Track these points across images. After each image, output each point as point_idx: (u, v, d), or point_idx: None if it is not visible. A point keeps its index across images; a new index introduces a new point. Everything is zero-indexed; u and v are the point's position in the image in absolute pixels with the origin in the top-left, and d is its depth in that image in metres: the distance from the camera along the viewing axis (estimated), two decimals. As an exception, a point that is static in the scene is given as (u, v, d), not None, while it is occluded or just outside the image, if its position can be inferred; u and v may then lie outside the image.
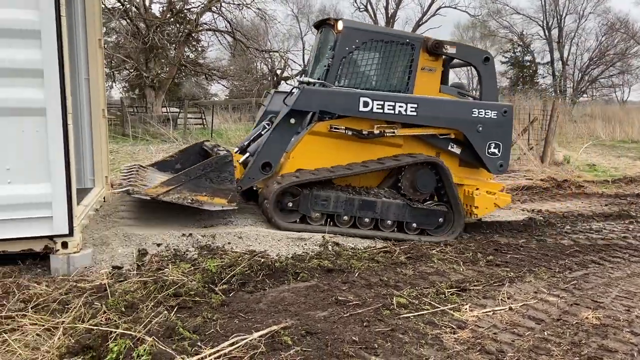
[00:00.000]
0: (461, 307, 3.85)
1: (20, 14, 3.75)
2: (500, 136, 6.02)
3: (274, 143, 5.61)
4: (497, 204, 6.15)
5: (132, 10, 22.07)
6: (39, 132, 3.92)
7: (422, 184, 5.88)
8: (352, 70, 5.87)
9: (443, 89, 6.18)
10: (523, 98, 23.27)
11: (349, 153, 5.79)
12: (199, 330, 3.23)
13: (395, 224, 5.79)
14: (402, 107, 5.64)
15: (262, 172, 5.59)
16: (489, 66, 6.22)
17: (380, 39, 5.88)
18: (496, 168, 6.09)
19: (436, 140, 6.02)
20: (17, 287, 3.72)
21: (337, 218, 5.62)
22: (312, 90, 5.60)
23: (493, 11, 42.27)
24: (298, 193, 5.48)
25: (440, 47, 5.93)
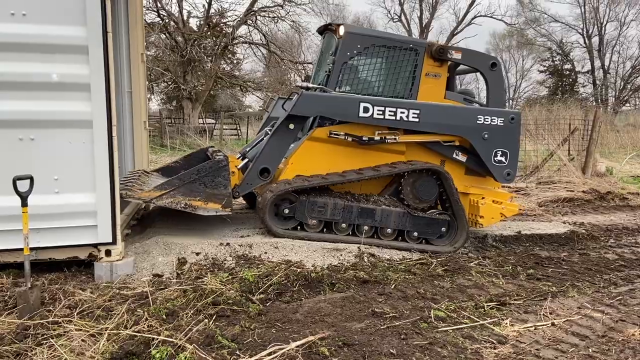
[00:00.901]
0: (501, 322, 3.77)
1: (70, 30, 3.91)
2: (508, 144, 5.83)
3: (273, 149, 5.53)
4: (504, 214, 5.96)
5: (171, 25, 22.72)
6: (85, 144, 4.07)
7: (423, 192, 5.74)
8: (354, 76, 5.78)
9: (448, 96, 6.03)
10: (562, 107, 22.71)
11: (349, 159, 5.68)
12: (237, 339, 3.26)
13: (395, 232, 5.66)
14: (403, 113, 5.52)
15: (260, 177, 5.51)
16: (496, 72, 6.05)
17: (382, 44, 5.78)
18: (503, 177, 5.90)
19: (440, 148, 5.86)
20: (63, 293, 3.85)
21: (335, 225, 5.52)
22: (310, 96, 5.49)
23: (531, 19, 41.57)
24: (295, 200, 5.43)
25: (444, 53, 5.80)
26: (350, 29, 5.86)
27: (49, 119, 3.98)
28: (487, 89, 6.13)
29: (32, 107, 3.92)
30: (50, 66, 3.92)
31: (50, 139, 4.00)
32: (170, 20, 23.00)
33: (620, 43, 40.67)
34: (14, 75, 3.87)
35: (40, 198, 3.86)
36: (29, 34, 3.85)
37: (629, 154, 15.84)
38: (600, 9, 39.80)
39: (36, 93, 3.93)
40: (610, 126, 22.87)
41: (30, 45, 3.87)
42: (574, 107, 23.23)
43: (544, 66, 43.07)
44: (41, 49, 3.90)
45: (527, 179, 11.55)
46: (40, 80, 3.92)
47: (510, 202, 6.10)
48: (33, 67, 3.89)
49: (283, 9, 24.16)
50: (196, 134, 19.75)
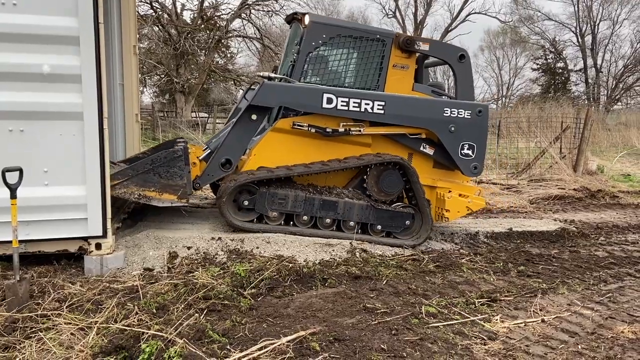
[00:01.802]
0: (492, 318, 3.78)
1: (61, 21, 3.87)
2: (475, 137, 5.78)
3: (234, 139, 5.42)
4: (470, 208, 5.92)
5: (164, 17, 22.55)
6: (76, 136, 4.03)
7: (387, 185, 5.68)
8: (319, 66, 5.64)
9: (417, 88, 5.95)
10: (555, 105, 22.82)
11: (314, 151, 5.56)
12: (228, 333, 3.25)
13: (359, 225, 5.60)
14: (368, 105, 5.44)
15: (221, 169, 5.40)
16: (465, 64, 5.97)
17: (348, 35, 5.65)
18: (470, 170, 5.86)
19: (407, 140, 5.79)
20: (52, 286, 3.82)
21: (297, 218, 5.44)
22: (272, 86, 5.34)
23: (524, 17, 41.71)
24: (255, 191, 5.35)
25: (412, 44, 5.72)
26: (316, 18, 5.74)
27: (39, 111, 3.93)
28: (455, 82, 6.05)
29: (22, 99, 3.87)
30: (40, 57, 3.87)
31: (40, 130, 3.96)
32: (164, 13, 22.83)
33: (613, 42, 40.96)
34: (4, 65, 3.81)
35: (30, 190, 3.83)
36: (19, 24, 3.80)
37: (620, 152, 15.96)
38: (594, 8, 40.02)
39: (26, 84, 3.88)
40: (601, 125, 23.01)
41: (20, 35, 3.82)
42: (566, 105, 23.36)
43: (537, 64, 43.25)
44: (31, 40, 3.85)
45: (518, 176, 11.61)
46: (30, 71, 3.87)
47: (477, 195, 6.05)
48: (23, 58, 3.84)
49: (277, 3, 24.09)
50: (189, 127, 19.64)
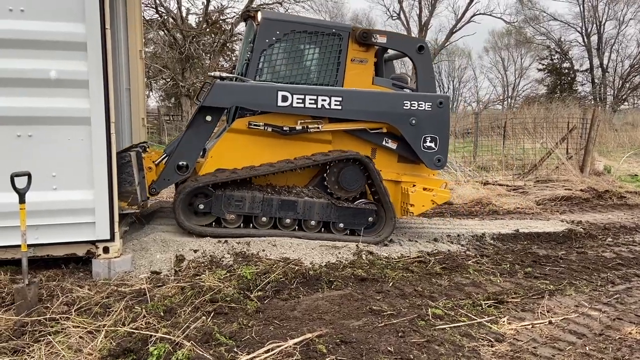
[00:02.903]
0: (499, 320, 3.78)
1: (69, 27, 3.91)
2: (436, 129, 5.69)
3: (188, 142, 5.32)
4: (435, 201, 5.83)
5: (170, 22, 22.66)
6: (84, 141, 4.06)
7: (347, 182, 5.61)
8: (274, 64, 5.53)
9: (377, 81, 5.87)
10: (561, 106, 22.73)
11: (273, 151, 5.47)
12: (235, 336, 3.26)
13: (320, 224, 5.54)
14: (325, 101, 5.36)
15: (177, 173, 5.30)
16: (424, 56, 5.87)
17: (303, 30, 5.55)
18: (433, 163, 5.78)
19: (368, 135, 5.71)
20: (60, 290, 3.85)
21: (255, 219, 5.37)
22: (224, 85, 5.25)
23: (530, 18, 41.57)
24: (210, 194, 5.26)
25: (369, 37, 5.62)
26: (268, 14, 5.67)
27: (47, 116, 3.98)
28: (416, 74, 5.95)
29: (31, 104, 3.92)
30: (48, 62, 3.92)
31: (48, 135, 4.00)
32: (169, 17, 22.95)
33: (619, 42, 40.75)
34: (12, 71, 3.86)
35: (38, 195, 3.86)
36: (27, 30, 3.85)
37: (627, 152, 15.87)
38: (599, 8, 39.83)
39: (34, 89, 3.93)
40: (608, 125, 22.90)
41: (28, 41, 3.87)
42: (572, 106, 23.28)
43: (543, 64, 43.05)
44: (39, 45, 3.90)
45: (525, 177, 11.57)
46: (38, 77, 3.92)
47: (443, 188, 5.98)
48: (31, 64, 3.89)
49: (282, 6, 24.13)
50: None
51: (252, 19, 5.83)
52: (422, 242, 6.01)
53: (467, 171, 11.65)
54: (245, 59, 5.65)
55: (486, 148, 14.42)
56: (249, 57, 5.51)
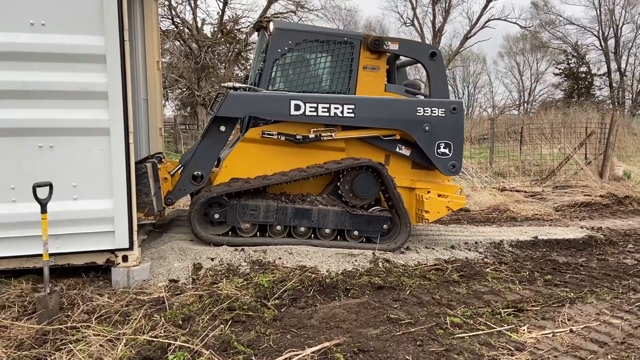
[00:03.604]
0: (519, 328, 3.73)
1: (89, 39, 3.99)
2: (450, 135, 5.66)
3: (203, 152, 5.37)
4: (450, 207, 5.77)
5: (185, 32, 22.94)
6: (103, 151, 4.13)
7: (361, 189, 5.60)
8: (287, 73, 5.59)
9: (389, 88, 5.86)
10: (579, 111, 22.46)
11: (287, 159, 5.50)
12: (253, 344, 3.27)
13: (335, 232, 5.55)
14: (338, 109, 5.38)
15: (192, 183, 5.35)
16: (437, 62, 5.84)
17: (315, 39, 5.58)
18: (448, 169, 5.74)
19: (381, 142, 5.70)
20: (81, 298, 3.91)
21: (270, 228, 5.39)
22: (237, 95, 5.30)
23: (545, 22, 41.24)
24: (225, 203, 5.30)
25: (381, 44, 5.62)
26: (280, 24, 5.70)
27: (68, 127, 4.05)
28: (428, 80, 5.93)
29: (52, 115, 3.99)
30: (69, 75, 4.00)
31: (68, 146, 4.07)
32: (185, 28, 23.25)
33: (637, 45, 40.16)
34: (34, 84, 3.94)
35: (59, 204, 3.93)
36: (48, 43, 3.93)
37: (647, 157, 15.59)
38: (616, 11, 39.40)
39: (55, 101, 4.01)
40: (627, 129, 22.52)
41: (49, 54, 3.95)
42: (590, 110, 22.97)
43: (559, 69, 42.62)
44: (60, 58, 3.98)
45: (543, 183, 11.43)
46: (59, 89, 4.00)
47: (458, 195, 5.93)
48: (52, 76, 3.97)
49: (296, 15, 24.31)
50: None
51: (264, 29, 5.89)
52: (439, 250, 5.97)
53: (484, 177, 11.56)
54: (258, 69, 5.70)
55: (502, 154, 14.30)
56: (262, 67, 5.56)
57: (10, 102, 3.93)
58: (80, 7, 3.96)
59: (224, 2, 23.79)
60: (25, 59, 3.92)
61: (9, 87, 3.91)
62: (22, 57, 3.91)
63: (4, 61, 3.88)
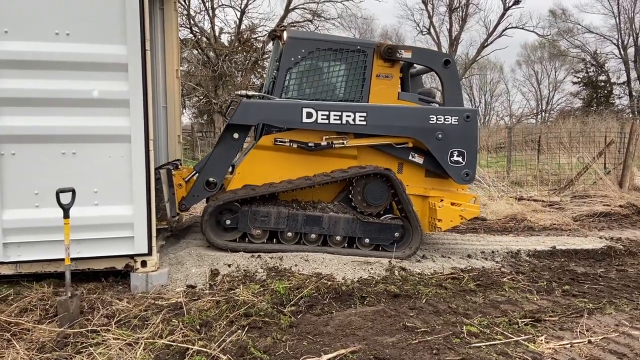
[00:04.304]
0: (536, 339, 3.69)
1: (111, 49, 4.09)
2: (464, 143, 5.64)
3: (217, 159, 5.44)
4: (463, 216, 5.73)
5: (203, 41, 23.23)
6: (124, 158, 4.21)
7: (372, 196, 5.59)
8: (300, 81, 5.64)
9: (403, 96, 5.86)
10: (598, 120, 22.20)
11: (299, 167, 5.53)
12: (269, 350, 3.30)
13: (345, 239, 5.54)
14: (350, 117, 5.40)
15: (206, 189, 5.41)
16: (450, 69, 5.82)
17: (328, 48, 5.63)
18: (461, 178, 5.69)
19: (394, 150, 5.71)
20: (101, 302, 3.98)
21: (281, 235, 5.42)
22: (250, 103, 5.38)
23: (564, 30, 40.92)
24: (237, 209, 5.35)
25: (394, 53, 5.63)
26: (293, 33, 5.76)
27: (90, 134, 4.14)
28: (442, 88, 5.90)
29: (75, 123, 4.09)
30: (92, 83, 4.10)
31: (91, 153, 4.16)
32: (203, 37, 23.54)
33: (657, 53, 39.61)
34: (59, 92, 4.05)
35: (81, 210, 4.00)
36: (72, 52, 4.03)
37: (668, 167, 15.32)
38: (636, 20, 38.94)
39: (79, 109, 4.10)
40: (648, 138, 22.17)
41: (73, 63, 4.05)
42: (609, 119, 22.69)
43: (578, 77, 42.22)
44: (84, 67, 4.08)
45: (561, 192, 11.31)
46: (82, 97, 4.10)
47: (472, 203, 5.88)
48: (76, 85, 4.07)
49: (312, 24, 24.47)
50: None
51: (278, 38, 5.96)
52: (456, 259, 5.94)
53: (501, 186, 11.47)
54: (272, 77, 5.76)
55: (520, 163, 14.20)
56: (275, 75, 5.63)
57: (36, 109, 4.03)
58: (103, 18, 4.07)
59: (242, 11, 24.08)
60: (50, 68, 4.02)
61: (35, 95, 4.02)
62: (47, 65, 4.01)
63: (30, 70, 3.99)
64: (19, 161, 4.03)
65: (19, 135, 4.02)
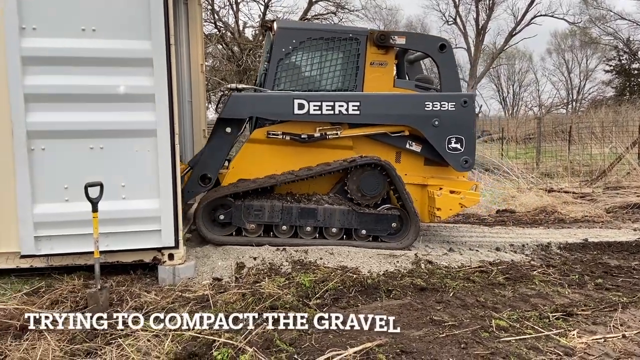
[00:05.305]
0: (568, 333, 3.60)
1: (136, 44, 4.12)
2: (461, 129, 5.50)
3: (211, 154, 5.40)
4: (463, 204, 5.61)
5: (228, 36, 23.35)
6: (150, 152, 4.25)
7: (367, 187, 5.50)
8: (292, 72, 5.55)
9: (398, 84, 5.74)
10: (631, 109, 21.52)
11: (294, 159, 5.49)
12: (295, 343, 3.29)
13: (342, 231, 5.49)
14: (342, 107, 5.30)
15: (201, 184, 5.37)
16: (447, 54, 5.67)
17: (319, 37, 5.54)
18: (460, 165, 5.56)
19: (390, 139, 5.61)
20: (129, 295, 4.04)
21: (276, 228, 5.39)
22: (240, 97, 5.34)
23: (595, 17, 39.73)
24: (230, 204, 5.33)
25: (387, 39, 5.52)
26: (283, 24, 5.70)
27: (117, 129, 4.19)
28: (439, 73, 5.77)
29: (102, 118, 4.14)
30: (118, 79, 4.14)
31: (118, 147, 4.21)
32: (227, 31, 23.66)
33: (694, 39, 38.15)
34: (86, 87, 4.10)
35: (109, 204, 4.05)
36: (98, 48, 4.08)
37: None
38: (672, 4, 37.52)
39: (106, 104, 4.16)
40: (684, 127, 21.42)
41: (99, 59, 4.10)
42: (644, 108, 21.97)
43: (610, 66, 40.93)
44: (110, 63, 4.13)
45: (593, 184, 11.01)
46: (109, 92, 4.15)
47: (472, 191, 5.74)
48: (103, 80, 4.11)
49: (336, 16, 24.31)
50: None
51: (269, 29, 5.91)
52: (484, 252, 5.84)
53: (530, 178, 11.24)
54: (264, 69, 5.71)
55: (550, 154, 13.87)
56: (267, 67, 5.58)
57: (63, 105, 4.09)
58: (128, 13, 4.10)
59: (265, 5, 24.08)
60: (77, 64, 4.08)
61: (63, 91, 4.08)
62: (74, 62, 4.07)
63: (58, 66, 4.05)
64: (49, 156, 4.11)
65: (49, 131, 4.09)
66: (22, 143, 4.02)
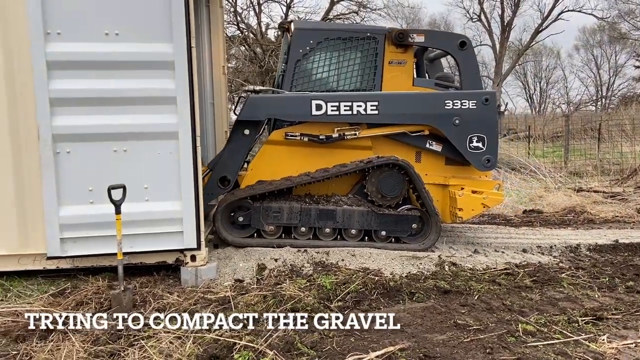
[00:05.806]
0: (598, 338, 3.49)
1: (158, 47, 4.15)
2: (483, 128, 5.39)
3: (229, 156, 5.39)
4: (486, 204, 5.47)
5: (250, 37, 23.49)
6: (172, 154, 4.28)
7: (386, 188, 5.41)
8: (310, 73, 5.50)
9: (418, 82, 5.65)
10: (663, 105, 20.89)
11: (312, 160, 5.43)
12: (316, 346, 3.26)
13: (361, 233, 5.41)
14: (360, 107, 5.24)
15: (220, 186, 5.36)
16: (467, 52, 5.55)
17: (337, 37, 5.50)
18: (482, 164, 5.45)
19: (409, 139, 5.52)
20: (152, 296, 4.07)
21: (295, 230, 5.35)
22: (257, 99, 5.33)
23: (624, 12, 38.68)
24: (249, 206, 5.31)
25: (405, 37, 5.43)
26: (300, 24, 5.66)
27: (140, 132, 4.23)
28: (459, 71, 5.65)
29: (126, 121, 4.18)
30: (140, 82, 4.17)
31: (140, 150, 4.25)
32: (249, 33, 23.80)
33: None
34: (110, 91, 4.15)
35: (132, 206, 4.09)
36: (121, 52, 4.12)
37: None
38: None
39: (128, 107, 4.20)
40: None
41: (122, 62, 4.14)
42: (676, 105, 21.31)
43: (641, 61, 39.83)
44: (132, 66, 4.16)
45: (623, 183, 10.71)
46: (131, 96, 4.19)
47: (496, 190, 5.61)
48: (126, 83, 4.16)
49: (358, 15, 24.22)
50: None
51: (287, 30, 5.89)
52: (510, 253, 5.72)
53: (558, 177, 10.99)
54: (281, 71, 5.70)
55: (578, 152, 13.56)
56: (284, 68, 5.56)
57: (88, 109, 4.15)
58: (150, 17, 4.13)
59: (287, 6, 24.16)
60: (100, 68, 4.13)
61: (87, 95, 4.13)
62: (98, 65, 4.12)
63: (82, 70, 4.10)
64: (73, 159, 4.17)
65: (73, 134, 4.15)
66: (48, 146, 4.09)
